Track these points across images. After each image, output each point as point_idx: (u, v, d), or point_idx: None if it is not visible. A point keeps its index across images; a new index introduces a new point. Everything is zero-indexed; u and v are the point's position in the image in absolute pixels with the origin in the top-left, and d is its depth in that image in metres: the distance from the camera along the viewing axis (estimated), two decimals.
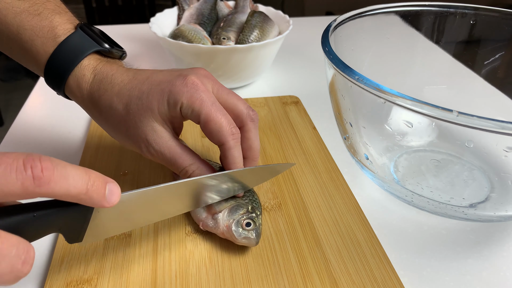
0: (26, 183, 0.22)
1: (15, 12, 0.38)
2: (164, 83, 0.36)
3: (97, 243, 0.38)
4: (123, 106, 0.37)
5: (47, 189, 0.23)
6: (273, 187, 0.45)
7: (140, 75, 0.38)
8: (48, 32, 0.38)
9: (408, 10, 0.54)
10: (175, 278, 0.35)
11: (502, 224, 0.43)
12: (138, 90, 0.37)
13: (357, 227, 0.40)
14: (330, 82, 0.44)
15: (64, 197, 0.24)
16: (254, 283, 0.35)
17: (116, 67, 0.39)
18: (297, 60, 0.79)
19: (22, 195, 0.22)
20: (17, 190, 0.22)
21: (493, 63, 0.56)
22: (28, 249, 0.23)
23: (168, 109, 0.36)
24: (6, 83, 2.42)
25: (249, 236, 0.36)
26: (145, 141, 0.37)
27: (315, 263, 0.36)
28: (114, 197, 0.27)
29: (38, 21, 0.38)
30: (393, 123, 0.42)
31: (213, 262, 0.37)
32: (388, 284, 0.35)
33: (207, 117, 0.35)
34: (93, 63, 0.38)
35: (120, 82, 0.38)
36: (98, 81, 0.38)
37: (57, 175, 0.23)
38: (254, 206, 0.38)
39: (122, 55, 0.41)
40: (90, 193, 0.25)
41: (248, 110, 0.38)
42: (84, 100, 0.39)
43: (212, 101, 0.36)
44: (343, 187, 0.45)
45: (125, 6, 2.33)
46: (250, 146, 0.39)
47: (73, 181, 0.24)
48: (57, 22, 0.38)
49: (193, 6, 0.71)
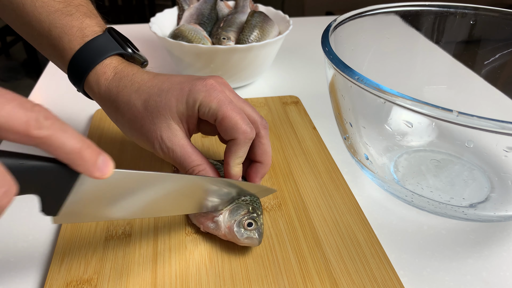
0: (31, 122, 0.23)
1: (50, 11, 0.40)
2: (184, 83, 0.38)
3: (97, 242, 0.38)
4: (141, 102, 0.38)
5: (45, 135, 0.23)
6: (273, 187, 0.45)
7: (160, 75, 0.40)
8: (77, 32, 0.40)
9: (408, 10, 0.54)
10: (175, 278, 0.35)
11: (502, 224, 0.43)
12: (158, 88, 0.38)
13: (357, 227, 0.40)
14: (330, 82, 0.44)
15: (58, 150, 0.24)
16: (254, 283, 0.35)
17: (136, 68, 0.41)
18: (297, 60, 0.79)
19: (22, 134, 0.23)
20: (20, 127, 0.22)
21: (493, 63, 0.56)
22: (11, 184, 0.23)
23: (186, 108, 0.37)
24: (6, 83, 2.42)
25: (252, 236, 0.36)
26: (159, 138, 0.38)
27: (315, 263, 0.36)
28: (106, 168, 0.26)
29: (69, 21, 0.40)
30: (393, 123, 0.42)
31: (213, 262, 0.37)
32: (388, 284, 0.35)
33: (224, 114, 0.37)
34: (114, 63, 0.40)
35: (140, 80, 0.39)
36: (118, 78, 0.40)
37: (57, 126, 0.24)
38: (255, 207, 0.38)
39: (144, 63, 0.43)
40: (83, 154, 0.25)
41: (261, 119, 0.40)
42: (101, 96, 0.40)
43: (229, 100, 0.38)
44: (343, 187, 0.45)
45: (125, 6, 2.33)
46: (265, 151, 0.40)
47: (70, 136, 0.24)
48: (87, 24, 0.41)
49: (193, 6, 0.71)
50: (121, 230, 0.39)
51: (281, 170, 0.48)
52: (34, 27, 0.40)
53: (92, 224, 0.40)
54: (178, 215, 0.41)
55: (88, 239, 0.38)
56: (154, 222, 0.40)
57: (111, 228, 0.39)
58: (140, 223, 0.40)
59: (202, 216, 0.39)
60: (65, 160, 0.25)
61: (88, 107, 0.60)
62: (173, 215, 0.41)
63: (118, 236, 0.39)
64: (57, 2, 0.41)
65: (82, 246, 0.37)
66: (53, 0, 0.40)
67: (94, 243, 0.38)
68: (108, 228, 0.39)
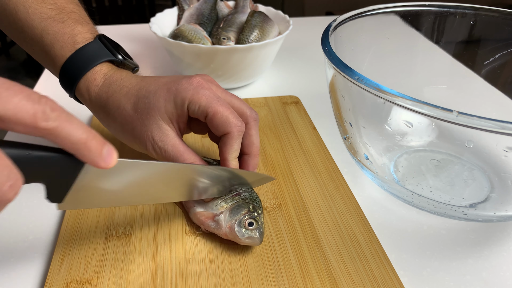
0: (38, 114, 0.23)
1: (42, 17, 0.41)
2: (171, 83, 0.39)
3: (97, 242, 0.38)
4: (131, 105, 0.39)
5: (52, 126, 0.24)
6: (273, 187, 0.45)
7: (147, 78, 0.41)
8: (69, 39, 0.41)
9: (408, 10, 0.54)
10: (175, 278, 0.35)
11: (502, 224, 0.43)
12: (145, 90, 0.39)
13: (357, 227, 0.40)
14: (330, 82, 0.44)
15: (64, 141, 0.25)
16: (254, 283, 0.35)
17: (125, 73, 0.42)
18: (297, 60, 0.79)
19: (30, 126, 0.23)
20: (28, 119, 0.23)
21: (493, 63, 0.56)
22: (18, 177, 0.24)
23: (174, 107, 0.38)
24: None
25: (253, 235, 0.36)
26: (150, 139, 0.38)
27: (315, 263, 0.36)
28: (111, 159, 0.27)
29: (61, 28, 0.41)
30: (393, 123, 0.42)
31: (213, 262, 0.37)
32: (388, 284, 0.35)
33: (214, 110, 0.37)
34: (104, 70, 0.41)
35: (128, 84, 0.40)
36: (107, 84, 0.40)
37: (63, 117, 0.24)
38: (255, 205, 0.38)
39: (135, 69, 0.44)
40: (89, 144, 0.26)
41: (250, 110, 0.41)
42: (92, 102, 0.41)
43: (217, 96, 0.38)
44: (343, 187, 0.45)
45: (125, 6, 2.33)
46: (252, 142, 0.41)
47: (76, 127, 0.25)
48: (78, 31, 0.41)
49: (193, 6, 0.71)
50: (121, 230, 0.39)
51: (281, 170, 0.48)
52: (27, 33, 0.41)
53: (93, 224, 0.40)
54: (178, 215, 0.41)
55: (88, 239, 0.38)
56: (154, 222, 0.40)
57: (111, 228, 0.39)
58: (140, 223, 0.40)
59: (203, 215, 0.39)
60: (71, 150, 0.26)
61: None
62: (174, 217, 0.41)
63: (118, 236, 0.39)
64: (49, 9, 0.41)
65: (82, 246, 0.37)
66: (46, 7, 0.41)
67: (94, 243, 0.38)
68: (108, 228, 0.39)
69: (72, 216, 0.41)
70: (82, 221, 0.40)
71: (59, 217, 0.42)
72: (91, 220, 0.40)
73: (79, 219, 0.40)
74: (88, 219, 0.40)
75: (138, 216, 0.41)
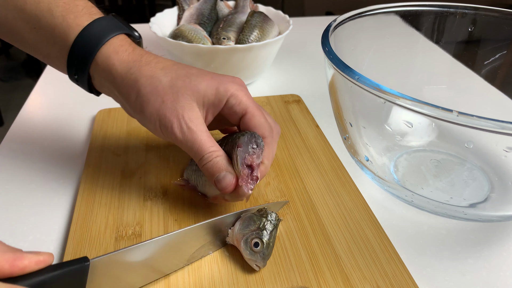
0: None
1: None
2: (213, 73, 0.39)
3: (107, 243, 0.38)
4: (168, 79, 0.38)
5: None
6: (280, 185, 0.45)
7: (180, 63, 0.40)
8: (83, 10, 0.39)
9: (408, 10, 0.54)
10: (187, 275, 0.35)
11: (502, 224, 0.43)
12: (185, 71, 0.39)
13: (366, 223, 0.40)
14: (330, 82, 0.44)
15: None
16: (267, 281, 0.35)
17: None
18: (297, 60, 0.79)
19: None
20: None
21: (493, 63, 0.56)
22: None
23: (215, 95, 0.38)
24: (6, 83, 2.42)
25: (255, 259, 0.35)
26: (180, 116, 0.37)
27: (326, 260, 0.37)
28: None
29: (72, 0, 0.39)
30: (393, 123, 0.42)
31: (225, 260, 0.37)
32: (398, 278, 0.35)
33: (254, 111, 0.38)
34: (129, 40, 0.40)
35: (163, 61, 0.39)
36: (139, 54, 0.39)
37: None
38: (265, 223, 0.37)
39: None
40: None
41: (275, 124, 0.42)
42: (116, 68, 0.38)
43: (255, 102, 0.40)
44: (349, 184, 0.45)
45: (125, 6, 2.33)
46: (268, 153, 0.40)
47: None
48: (91, 5, 0.40)
49: (193, 6, 0.71)
50: (131, 231, 0.39)
51: (287, 168, 0.48)
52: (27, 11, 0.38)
53: (102, 225, 0.40)
54: (188, 212, 0.41)
55: (98, 240, 0.38)
56: (164, 222, 0.40)
57: (120, 228, 0.39)
58: (150, 223, 0.40)
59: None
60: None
61: (89, 108, 0.60)
62: (183, 214, 0.41)
63: (128, 236, 0.39)
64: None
65: (92, 246, 0.37)
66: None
67: (104, 243, 0.38)
68: (118, 229, 0.39)
69: (81, 216, 0.40)
70: (91, 222, 0.40)
71: (65, 218, 0.42)
72: (100, 220, 0.40)
73: (88, 220, 0.40)
74: (97, 219, 0.40)
75: (148, 215, 0.41)
